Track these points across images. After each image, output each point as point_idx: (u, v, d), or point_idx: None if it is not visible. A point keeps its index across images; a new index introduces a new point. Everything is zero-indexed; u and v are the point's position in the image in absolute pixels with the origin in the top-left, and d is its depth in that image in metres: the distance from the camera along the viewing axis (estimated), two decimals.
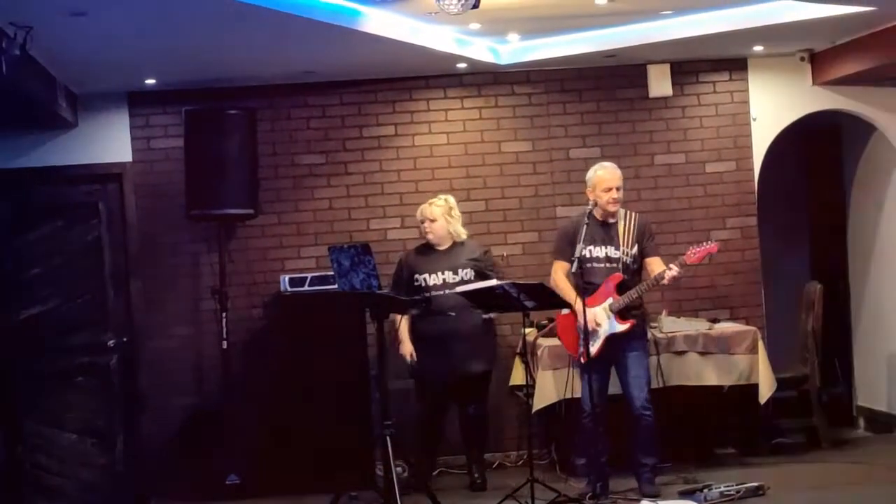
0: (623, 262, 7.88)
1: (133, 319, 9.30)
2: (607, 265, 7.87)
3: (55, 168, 9.21)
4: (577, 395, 8.02)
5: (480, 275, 8.48)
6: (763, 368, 8.66)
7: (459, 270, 8.53)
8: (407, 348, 8.58)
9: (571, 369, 8.16)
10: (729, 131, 9.73)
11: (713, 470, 8.51)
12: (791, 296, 9.79)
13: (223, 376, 8.97)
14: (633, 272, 7.93)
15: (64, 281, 9.20)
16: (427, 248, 8.65)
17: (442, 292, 8.46)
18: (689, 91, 9.73)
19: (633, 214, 8.02)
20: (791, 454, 9.06)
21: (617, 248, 7.89)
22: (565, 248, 7.99)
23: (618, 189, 7.92)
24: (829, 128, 10.45)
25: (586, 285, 7.80)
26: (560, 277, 8.01)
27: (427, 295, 8.44)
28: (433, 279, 8.53)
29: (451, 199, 8.71)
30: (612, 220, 7.93)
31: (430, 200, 8.68)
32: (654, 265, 7.90)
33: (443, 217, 8.58)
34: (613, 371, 8.02)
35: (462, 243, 8.67)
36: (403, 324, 8.59)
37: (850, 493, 7.85)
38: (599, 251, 7.90)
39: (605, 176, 7.95)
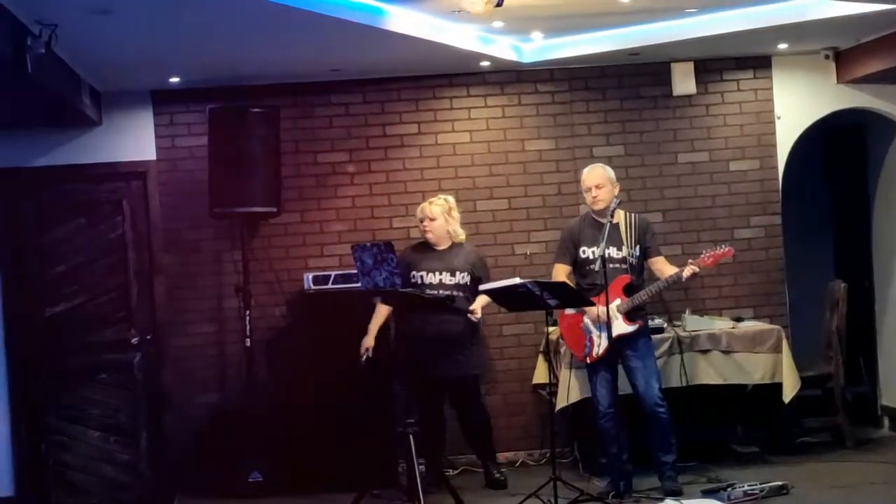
0: (630, 263, 7.89)
1: (157, 317, 9.32)
2: (610, 266, 7.86)
3: (80, 166, 9.24)
4: (586, 395, 8.04)
5: (476, 280, 8.46)
6: (787, 367, 8.64)
7: (457, 273, 8.50)
8: (368, 342, 8.51)
9: (572, 370, 8.19)
10: (753, 129, 9.70)
11: (737, 469, 8.49)
12: (815, 294, 9.76)
13: (246, 374, 8.99)
14: (639, 272, 7.97)
15: (88, 279, 9.27)
16: (425, 247, 8.63)
17: (436, 292, 8.43)
18: (713, 89, 9.70)
19: (633, 215, 8.06)
20: (815, 453, 9.03)
21: (619, 249, 7.89)
22: (566, 251, 8.07)
23: (597, 187, 7.96)
24: (854, 126, 10.41)
25: (590, 286, 7.86)
26: (561, 280, 7.99)
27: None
28: (430, 278, 8.49)
29: (451, 200, 8.69)
30: (612, 221, 7.92)
31: (430, 199, 8.67)
32: (659, 265, 7.97)
33: (442, 216, 8.55)
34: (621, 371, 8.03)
35: (460, 245, 8.64)
36: (376, 314, 8.53)
37: (875, 493, 7.82)
38: (599, 251, 7.88)
39: (584, 177, 8.09)
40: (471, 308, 8.42)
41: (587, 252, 7.94)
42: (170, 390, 9.30)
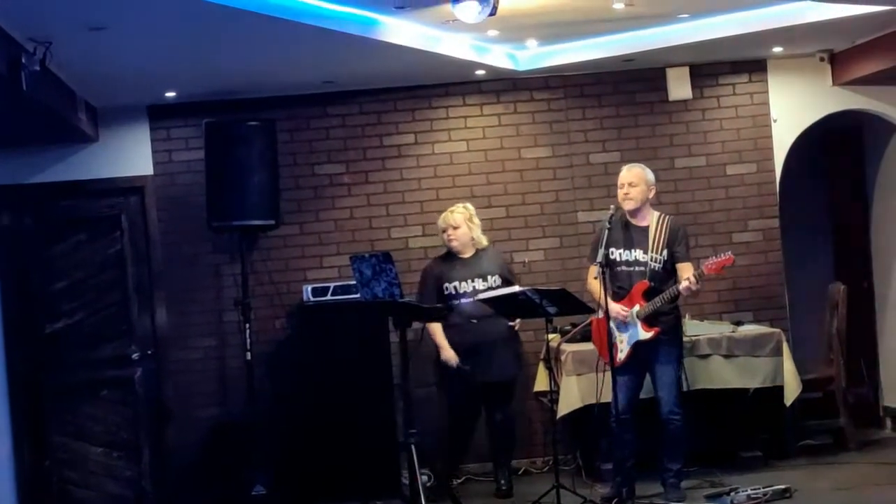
0: (651, 268, 7.84)
1: (157, 332, 9.33)
2: (636, 269, 7.83)
3: (77, 182, 9.26)
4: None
5: (507, 282, 8.47)
6: (788, 370, 8.64)
7: (489, 277, 8.51)
8: (450, 354, 8.48)
9: (602, 373, 8.14)
10: (749, 133, 9.70)
11: (739, 473, 8.48)
12: (815, 297, 9.76)
13: (247, 387, 8.95)
14: (663, 277, 7.82)
15: (88, 295, 9.28)
16: (451, 257, 8.63)
17: (470, 300, 8.43)
18: (709, 93, 9.71)
19: (667, 218, 7.95)
20: (817, 456, 9.03)
21: (645, 252, 7.85)
22: (596, 251, 7.97)
23: (631, 185, 7.89)
24: (851, 128, 10.41)
25: (617, 289, 7.79)
26: (592, 281, 7.97)
27: (454, 303, 8.40)
28: (463, 287, 8.49)
29: (471, 207, 8.70)
30: (643, 224, 7.89)
31: (451, 208, 8.67)
32: (685, 271, 7.79)
33: (465, 224, 8.57)
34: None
35: (485, 250, 8.66)
36: (438, 331, 8.51)
37: (878, 494, 7.82)
38: (628, 255, 7.86)
39: (620, 175, 7.99)
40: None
41: (615, 254, 7.88)
42: (171, 405, 9.30)
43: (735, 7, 8.12)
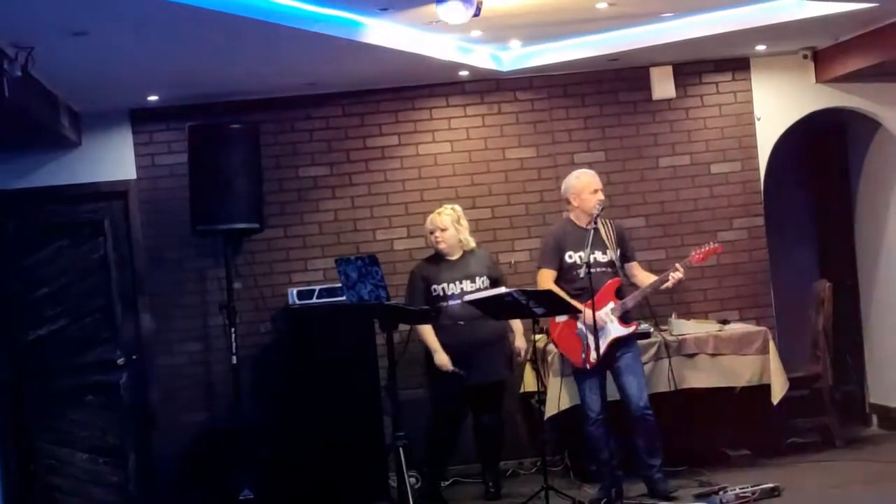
0: (615, 267, 7.91)
1: (141, 336, 9.29)
2: (597, 269, 7.82)
3: (60, 187, 9.21)
4: (574, 402, 8.04)
5: (495, 283, 8.45)
6: (775, 368, 8.64)
7: (476, 279, 8.46)
8: (444, 358, 8.35)
9: (561, 378, 8.20)
10: (733, 131, 9.71)
11: (728, 472, 8.48)
12: (800, 294, 9.76)
13: (233, 391, 8.93)
14: (622, 276, 7.99)
15: (72, 300, 9.24)
16: (438, 259, 8.57)
17: (458, 302, 8.41)
18: (693, 92, 9.71)
19: (609, 221, 8.05)
20: (805, 453, 9.02)
21: (604, 253, 7.89)
22: (552, 256, 8.02)
23: (602, 190, 8.00)
24: (835, 125, 10.43)
25: (577, 291, 7.80)
26: (549, 286, 7.98)
27: (441, 304, 8.37)
28: (451, 288, 8.44)
29: (458, 208, 8.67)
30: (593, 227, 7.89)
31: (438, 210, 8.62)
32: (635, 270, 8.02)
33: (452, 226, 8.52)
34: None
35: (472, 251, 8.61)
36: (430, 334, 8.40)
37: (866, 492, 7.83)
38: (586, 257, 7.87)
39: (590, 179, 8.04)
40: (517, 347, 8.56)
41: (574, 257, 7.93)
42: (157, 410, 9.27)
43: (718, 6, 8.13)
